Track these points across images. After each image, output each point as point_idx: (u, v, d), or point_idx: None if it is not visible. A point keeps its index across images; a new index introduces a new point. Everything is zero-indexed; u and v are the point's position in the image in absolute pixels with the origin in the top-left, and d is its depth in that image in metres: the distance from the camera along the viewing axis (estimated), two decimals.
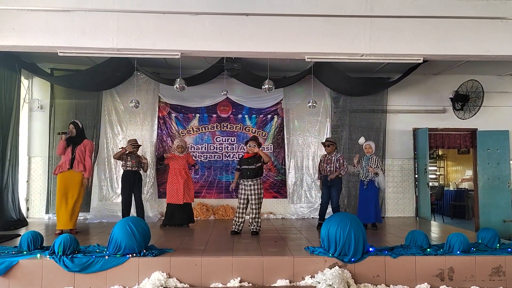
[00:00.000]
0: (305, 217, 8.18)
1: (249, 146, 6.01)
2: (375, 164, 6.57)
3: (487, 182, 8.45)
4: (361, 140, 6.82)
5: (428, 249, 4.67)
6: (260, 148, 6.12)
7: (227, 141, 8.44)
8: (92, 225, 7.30)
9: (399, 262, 4.47)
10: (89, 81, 7.67)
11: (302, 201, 8.34)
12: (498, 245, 4.92)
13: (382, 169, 6.70)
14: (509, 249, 4.75)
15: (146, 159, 7.05)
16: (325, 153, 6.89)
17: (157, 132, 8.35)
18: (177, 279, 4.34)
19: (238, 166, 6.16)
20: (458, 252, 4.56)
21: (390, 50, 5.02)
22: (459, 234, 4.69)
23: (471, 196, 11.05)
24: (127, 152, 6.76)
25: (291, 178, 8.39)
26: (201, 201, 8.25)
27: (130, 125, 8.32)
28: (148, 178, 8.16)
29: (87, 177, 6.20)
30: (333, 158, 6.70)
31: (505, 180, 8.41)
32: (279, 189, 8.44)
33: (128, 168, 6.78)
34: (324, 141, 7.03)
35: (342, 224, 4.46)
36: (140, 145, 7.03)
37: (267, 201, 8.29)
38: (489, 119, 8.47)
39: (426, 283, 4.41)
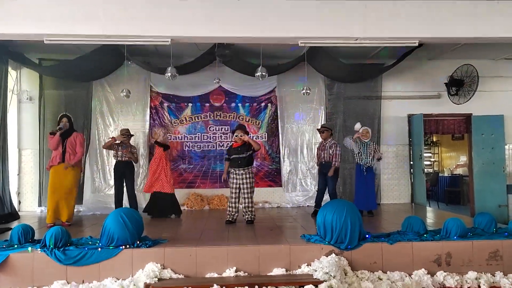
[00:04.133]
0: (301, 205, 8.13)
1: (236, 136, 5.92)
2: (373, 151, 6.52)
3: (482, 167, 8.44)
4: (357, 125, 6.73)
5: (425, 235, 4.64)
6: (250, 136, 6.04)
7: (221, 130, 8.34)
8: (85, 217, 7.19)
9: (396, 249, 4.43)
10: (78, 71, 7.49)
11: (297, 189, 8.29)
12: (494, 229, 4.90)
13: (381, 154, 6.68)
14: (506, 234, 4.74)
15: (136, 149, 6.93)
16: (321, 139, 6.82)
17: (149, 122, 8.22)
18: (171, 270, 4.27)
19: (228, 156, 6.05)
20: (455, 237, 4.53)
21: (385, 34, 4.93)
22: (456, 219, 4.66)
23: (465, 181, 11.07)
24: (118, 142, 6.65)
25: (285, 167, 8.33)
26: (195, 191, 8.16)
27: (122, 116, 8.19)
28: (141, 168, 8.06)
29: (71, 163, 6.04)
30: (327, 145, 6.62)
31: (500, 165, 8.40)
32: (274, 178, 8.37)
33: (119, 158, 6.68)
34: (319, 127, 6.95)
35: (338, 211, 4.40)
36: (132, 135, 6.91)
37: (262, 190, 8.24)
38: (483, 104, 8.42)
39: (423, 269, 4.37)
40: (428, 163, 14.78)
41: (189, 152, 8.26)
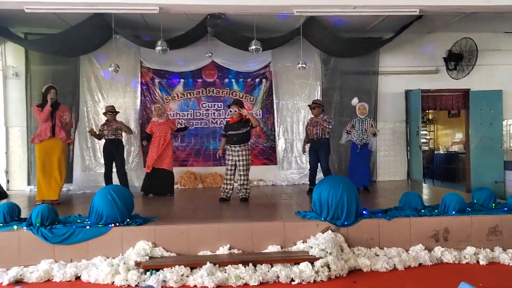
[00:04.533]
0: (296, 183, 8.01)
1: (232, 111, 5.72)
2: (370, 125, 6.35)
3: (479, 143, 8.31)
4: (355, 100, 6.54)
5: (423, 210, 4.53)
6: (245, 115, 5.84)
7: (214, 107, 8.12)
8: (75, 196, 7.05)
9: (393, 225, 4.32)
10: (65, 45, 7.20)
11: (293, 167, 8.15)
12: (493, 204, 4.81)
13: (377, 130, 6.52)
14: (506, 209, 4.64)
15: (122, 122, 6.72)
16: (312, 116, 6.62)
17: (140, 99, 7.98)
18: (163, 248, 4.14)
19: (224, 132, 5.88)
20: (454, 212, 4.43)
21: (384, 2, 4.69)
22: (455, 194, 4.55)
23: (461, 159, 10.99)
24: (100, 125, 6.51)
25: (281, 144, 8.17)
26: (188, 170, 8.01)
27: (111, 92, 7.94)
28: (133, 146, 7.88)
29: (61, 136, 5.86)
30: (320, 120, 6.44)
31: (497, 141, 8.29)
32: (269, 156, 8.21)
33: (109, 137, 6.49)
34: (310, 103, 6.74)
35: (334, 187, 4.27)
36: (117, 112, 6.69)
37: (257, 168, 8.08)
38: (482, 79, 8.24)
39: (420, 245, 4.28)
40: (424, 140, 14.71)
41: (179, 127, 8.04)
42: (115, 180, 6.69)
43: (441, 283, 3.70)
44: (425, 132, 14.88)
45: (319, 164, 6.56)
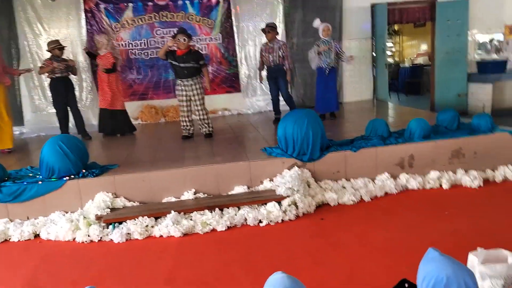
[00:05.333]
0: (262, 110, 7.78)
1: (179, 41, 5.20)
2: (335, 50, 6.02)
3: (445, 56, 8.18)
4: (317, 22, 6.10)
5: (389, 138, 4.47)
6: (193, 45, 5.34)
7: (169, 34, 7.41)
8: (29, 140, 6.63)
9: (359, 155, 4.27)
10: None
11: (258, 94, 7.86)
12: (457, 125, 4.79)
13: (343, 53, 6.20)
14: (469, 130, 4.64)
15: (73, 61, 6.10)
16: (266, 41, 6.19)
17: (86, 28, 7.22)
18: (125, 197, 3.98)
19: (170, 60, 5.34)
20: (419, 138, 4.39)
21: None
22: (420, 120, 4.48)
23: (426, 71, 10.98)
24: (52, 60, 5.82)
25: (244, 70, 7.77)
26: (148, 103, 7.59)
27: (53, 22, 7.13)
28: (85, 82, 7.31)
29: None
30: (275, 46, 6.05)
31: (462, 54, 8.19)
32: (232, 83, 7.83)
33: (57, 75, 5.89)
34: (264, 27, 6.23)
35: (298, 123, 4.09)
36: (64, 46, 6.02)
37: (220, 97, 7.78)
38: None
39: (386, 173, 4.29)
40: (389, 53, 14.54)
41: (136, 61, 7.47)
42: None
43: (405, 210, 3.76)
44: (390, 44, 14.66)
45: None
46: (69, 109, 6.08)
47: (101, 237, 3.57)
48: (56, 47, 5.83)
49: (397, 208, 3.83)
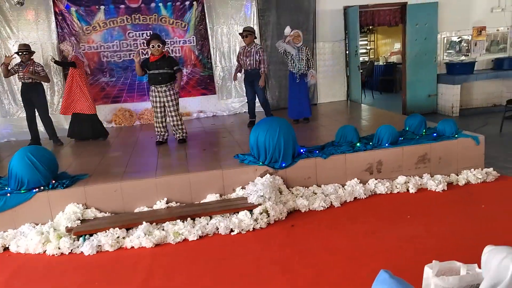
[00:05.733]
0: (237, 112, 7.83)
1: (153, 47, 5.19)
2: (306, 56, 6.09)
3: (414, 59, 8.39)
4: (287, 29, 6.13)
5: (358, 144, 4.59)
6: (165, 49, 5.38)
7: (142, 36, 7.40)
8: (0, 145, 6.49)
9: (329, 162, 4.37)
10: None
11: (233, 95, 7.89)
12: (424, 130, 4.95)
13: (313, 64, 6.26)
14: (435, 134, 4.80)
15: (42, 66, 5.99)
16: (244, 44, 6.23)
17: (57, 32, 7.09)
18: (96, 208, 3.97)
19: (145, 69, 5.34)
20: (387, 144, 4.53)
21: None
22: (388, 127, 4.61)
23: (399, 69, 11.20)
24: (14, 64, 5.70)
25: (218, 73, 7.77)
26: (122, 106, 7.52)
27: (22, 26, 6.96)
28: (57, 86, 7.19)
29: None
30: (253, 50, 6.09)
31: (431, 55, 8.41)
32: (207, 85, 7.83)
33: (23, 81, 5.79)
34: (241, 31, 6.28)
35: (270, 131, 4.16)
36: (32, 52, 5.90)
37: (195, 100, 7.79)
38: None
39: (355, 179, 4.41)
40: (364, 51, 14.78)
41: (109, 64, 7.38)
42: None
43: (371, 216, 3.87)
44: (365, 42, 14.90)
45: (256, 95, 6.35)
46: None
47: (71, 250, 3.56)
48: (19, 51, 5.74)
49: (364, 214, 3.94)
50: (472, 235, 3.33)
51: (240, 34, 6.31)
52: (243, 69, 6.30)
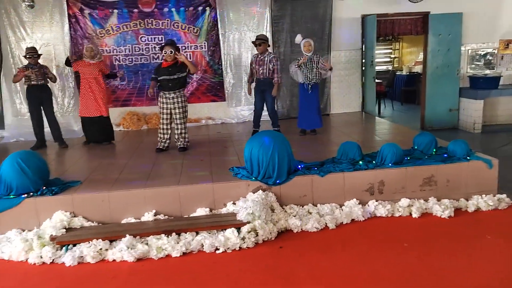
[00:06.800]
0: (246, 120, 7.66)
1: (166, 53, 5.16)
2: (316, 65, 5.87)
3: (435, 70, 8.03)
4: (298, 38, 5.95)
5: (360, 162, 4.35)
6: (186, 56, 5.30)
7: (154, 41, 7.37)
8: (8, 145, 6.57)
9: (327, 180, 4.15)
10: None
11: (242, 103, 7.75)
12: (434, 150, 4.66)
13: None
14: (445, 155, 4.51)
15: (47, 68, 6.02)
16: (257, 52, 6.08)
17: (70, 34, 7.15)
18: (83, 217, 3.90)
19: (154, 76, 5.34)
20: (390, 164, 4.27)
21: None
22: (392, 145, 4.35)
23: (422, 80, 10.79)
24: (28, 67, 5.76)
25: (229, 79, 7.66)
26: (131, 110, 7.51)
27: (36, 27, 7.07)
28: (68, 88, 7.24)
29: None
30: (266, 58, 5.92)
31: (454, 68, 8.02)
32: (216, 92, 7.73)
33: (32, 83, 5.83)
34: (254, 39, 6.13)
35: (264, 146, 3.98)
36: (40, 54, 5.95)
37: (204, 106, 7.70)
38: (442, 0, 7.71)
39: (355, 199, 4.17)
40: (388, 59, 14.38)
41: (120, 67, 7.38)
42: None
43: (366, 241, 3.63)
44: (390, 51, 14.49)
45: (265, 105, 6.18)
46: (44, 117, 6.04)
47: (53, 259, 3.49)
48: (28, 54, 5.78)
49: (359, 238, 3.70)
50: (468, 273, 3.05)
51: (253, 42, 6.16)
52: (254, 77, 6.15)
